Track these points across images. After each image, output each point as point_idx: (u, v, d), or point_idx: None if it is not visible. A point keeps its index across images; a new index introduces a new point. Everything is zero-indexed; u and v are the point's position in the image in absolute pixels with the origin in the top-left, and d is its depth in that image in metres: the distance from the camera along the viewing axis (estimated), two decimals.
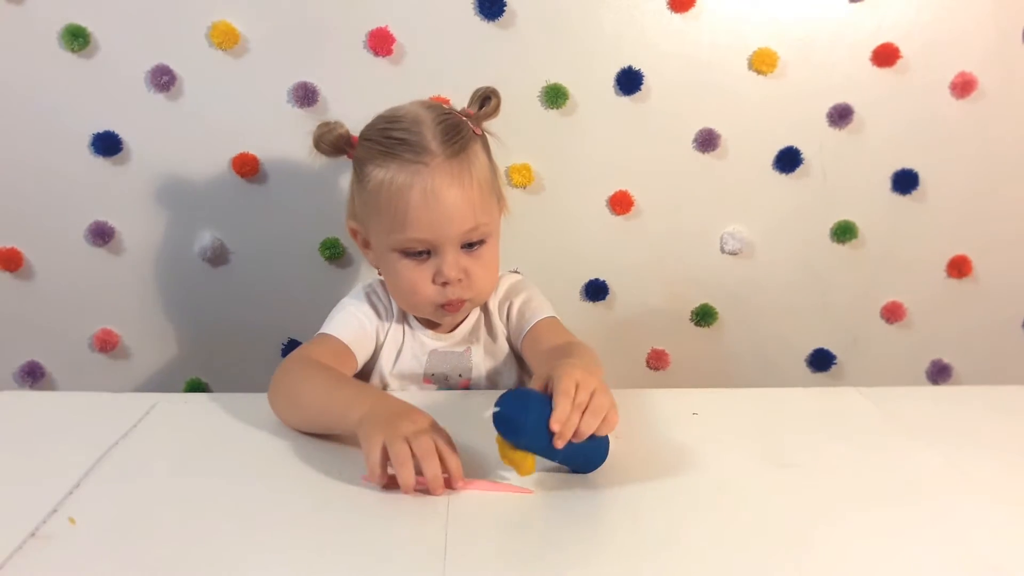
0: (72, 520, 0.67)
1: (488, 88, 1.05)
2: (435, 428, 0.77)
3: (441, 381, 1.08)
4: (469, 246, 0.98)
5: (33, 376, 1.41)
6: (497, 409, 0.74)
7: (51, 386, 1.43)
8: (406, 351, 1.06)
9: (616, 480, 0.77)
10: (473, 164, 0.97)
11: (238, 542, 0.65)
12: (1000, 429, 0.93)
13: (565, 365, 0.78)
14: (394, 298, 1.05)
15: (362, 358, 1.03)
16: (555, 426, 0.71)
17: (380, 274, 1.08)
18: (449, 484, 0.74)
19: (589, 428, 0.73)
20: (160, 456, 0.82)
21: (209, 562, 0.63)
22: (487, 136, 1.04)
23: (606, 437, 0.77)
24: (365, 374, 1.07)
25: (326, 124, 1.03)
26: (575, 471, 0.79)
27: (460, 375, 1.08)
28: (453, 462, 0.74)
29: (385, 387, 1.07)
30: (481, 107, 1.03)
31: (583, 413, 0.73)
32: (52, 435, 0.85)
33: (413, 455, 0.72)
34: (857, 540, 0.67)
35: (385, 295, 1.08)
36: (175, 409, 0.93)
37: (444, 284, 0.96)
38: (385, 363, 1.06)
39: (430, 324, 1.07)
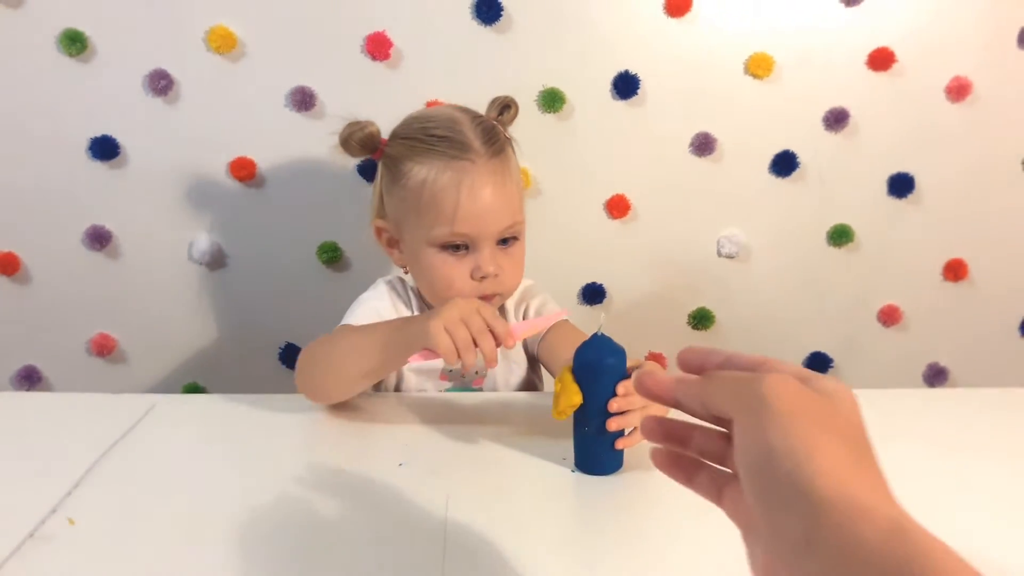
0: (71, 520, 0.67)
1: (507, 97, 1.09)
2: (482, 306, 0.82)
3: (457, 378, 1.09)
4: (503, 242, 1.01)
5: (30, 380, 1.41)
6: (600, 334, 0.78)
7: (48, 390, 1.42)
8: None
9: (615, 482, 0.78)
10: (510, 164, 1.03)
11: (237, 542, 0.65)
12: (997, 432, 0.93)
13: (651, 363, 0.83)
14: (426, 293, 1.07)
15: None
16: (621, 389, 0.76)
17: (406, 272, 1.10)
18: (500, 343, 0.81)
19: (637, 419, 0.76)
20: (159, 456, 0.81)
21: (208, 562, 0.63)
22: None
23: (621, 456, 0.80)
24: None
25: (356, 123, 1.04)
26: (579, 466, 0.80)
27: (476, 372, 1.09)
28: (500, 327, 0.81)
29: (400, 380, 1.08)
30: (500, 114, 1.07)
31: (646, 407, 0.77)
32: (52, 435, 0.85)
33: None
34: None
35: (404, 291, 1.10)
36: (174, 410, 0.93)
37: (482, 279, 0.99)
38: None
39: None
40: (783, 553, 0.39)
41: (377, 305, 1.06)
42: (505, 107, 1.08)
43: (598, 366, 0.76)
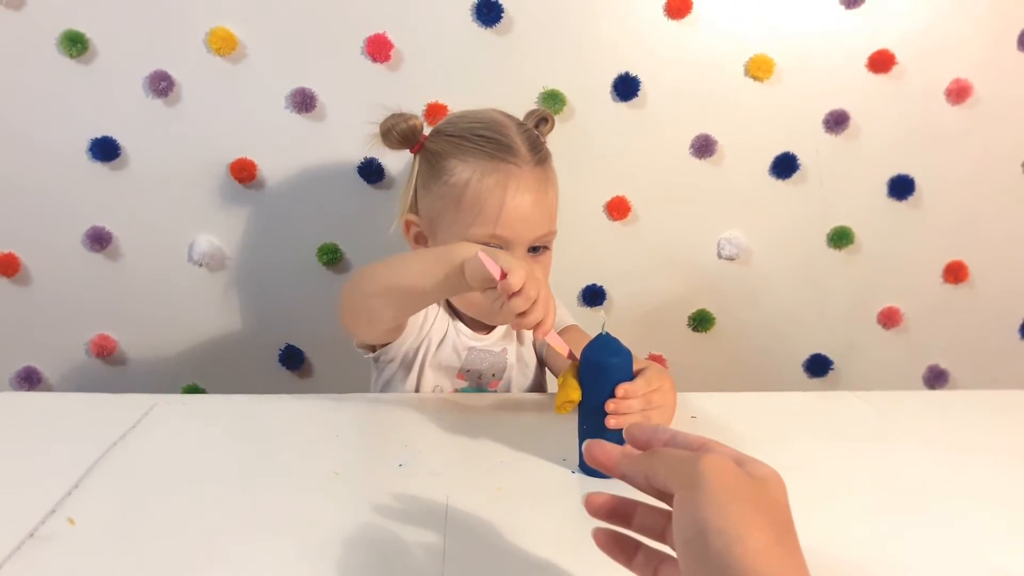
0: (71, 520, 0.67)
1: (545, 111, 1.13)
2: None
3: (474, 379, 1.10)
4: (534, 250, 1.03)
5: (30, 381, 1.41)
6: (604, 333, 0.78)
7: (48, 391, 1.42)
8: (447, 344, 1.08)
9: (615, 483, 0.77)
10: (550, 174, 1.05)
11: (237, 542, 0.65)
12: (996, 433, 0.93)
13: (658, 367, 0.83)
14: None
15: (406, 327, 1.04)
16: (620, 391, 0.75)
17: None
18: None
19: (636, 420, 0.76)
20: (159, 456, 0.81)
21: (208, 562, 0.62)
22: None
23: None
24: (408, 359, 1.08)
25: (400, 115, 1.05)
26: (583, 467, 0.79)
27: (493, 375, 1.10)
28: (552, 316, 0.80)
29: (420, 377, 1.08)
30: (536, 126, 1.09)
31: (646, 410, 0.78)
32: (52, 435, 0.85)
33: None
34: (853, 544, 0.67)
35: None
36: (174, 410, 0.93)
37: None
38: (429, 351, 1.07)
39: (470, 324, 1.10)
40: None
41: None
42: (542, 120, 1.11)
43: (601, 365, 0.76)
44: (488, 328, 1.11)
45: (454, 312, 1.10)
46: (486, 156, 0.99)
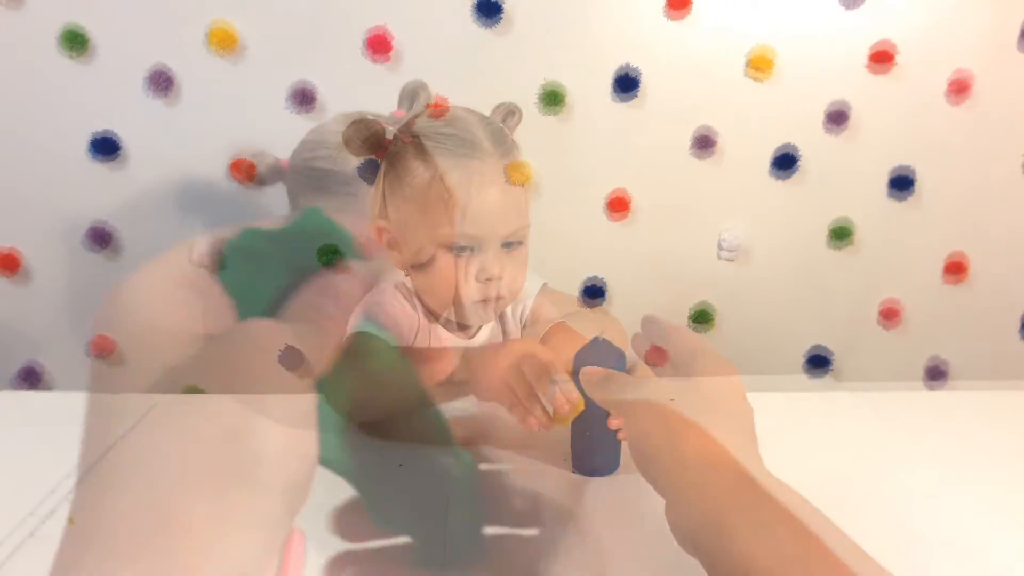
0: (71, 520, 0.67)
1: (512, 104, 1.11)
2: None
3: None
4: (507, 246, 1.01)
5: (30, 381, 1.40)
6: (600, 338, 0.79)
7: (48, 390, 1.42)
8: None
9: (613, 482, 0.78)
10: None
11: (236, 542, 0.65)
12: (997, 431, 0.93)
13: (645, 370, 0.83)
14: (427, 296, 1.06)
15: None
16: None
17: (407, 275, 1.08)
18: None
19: None
20: (159, 456, 0.81)
21: (207, 563, 0.62)
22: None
23: (619, 458, 0.79)
24: None
25: (361, 120, 1.03)
26: (577, 467, 0.80)
27: None
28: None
29: None
30: (504, 121, 1.08)
31: None
32: (52, 435, 0.85)
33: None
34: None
35: (409, 296, 1.08)
36: (174, 410, 0.93)
37: (487, 280, 0.99)
38: None
39: (452, 328, 1.09)
40: None
41: (393, 311, 1.04)
42: (509, 113, 1.09)
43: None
44: (475, 328, 1.10)
45: (431, 313, 1.09)
46: (447, 153, 0.98)
